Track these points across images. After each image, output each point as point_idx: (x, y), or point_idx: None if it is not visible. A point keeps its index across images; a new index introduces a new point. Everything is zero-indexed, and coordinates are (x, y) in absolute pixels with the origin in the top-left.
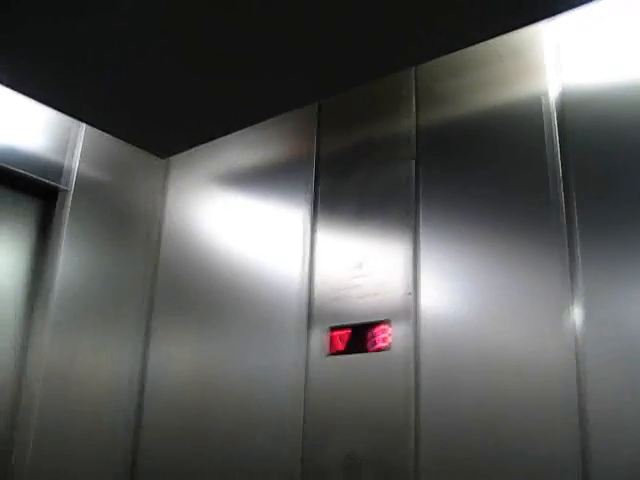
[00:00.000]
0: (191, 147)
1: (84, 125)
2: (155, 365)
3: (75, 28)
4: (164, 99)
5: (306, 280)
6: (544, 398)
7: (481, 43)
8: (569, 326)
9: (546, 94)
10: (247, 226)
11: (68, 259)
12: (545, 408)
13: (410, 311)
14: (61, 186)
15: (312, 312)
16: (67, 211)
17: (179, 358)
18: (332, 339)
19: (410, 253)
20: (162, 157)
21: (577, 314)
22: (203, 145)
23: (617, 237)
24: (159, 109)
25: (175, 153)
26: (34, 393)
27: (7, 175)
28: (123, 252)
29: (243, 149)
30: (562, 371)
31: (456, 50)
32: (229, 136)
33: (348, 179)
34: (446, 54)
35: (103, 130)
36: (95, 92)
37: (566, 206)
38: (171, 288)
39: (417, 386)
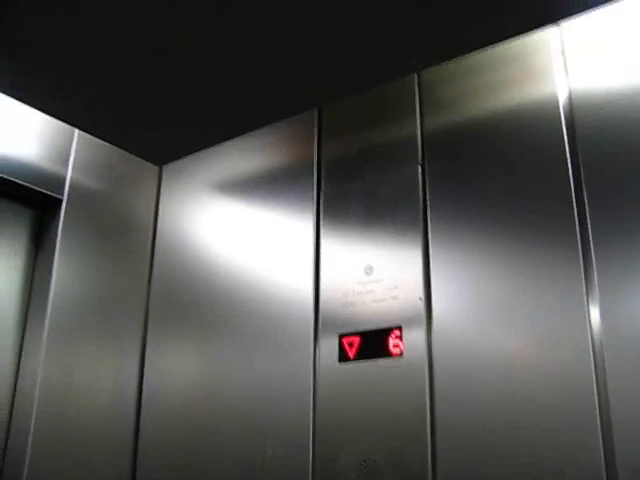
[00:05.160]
0: (188, 154)
1: (77, 131)
2: (154, 378)
3: (69, 32)
4: (160, 104)
5: (312, 288)
6: (563, 402)
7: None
8: (585, 328)
9: (554, 98)
10: (248, 235)
11: (62, 270)
12: (564, 412)
13: (422, 317)
14: (54, 194)
15: (319, 319)
16: (60, 220)
17: (179, 370)
18: (342, 346)
19: (420, 258)
20: (157, 164)
21: (593, 315)
22: (199, 152)
23: (631, 237)
24: (154, 114)
25: (171, 160)
26: (29, 413)
27: None
28: (118, 262)
29: (241, 156)
30: (580, 373)
31: (459, 55)
32: (227, 142)
33: (353, 185)
34: (449, 60)
35: (97, 136)
36: (89, 97)
37: (577, 208)
38: (168, 298)
39: (431, 392)
